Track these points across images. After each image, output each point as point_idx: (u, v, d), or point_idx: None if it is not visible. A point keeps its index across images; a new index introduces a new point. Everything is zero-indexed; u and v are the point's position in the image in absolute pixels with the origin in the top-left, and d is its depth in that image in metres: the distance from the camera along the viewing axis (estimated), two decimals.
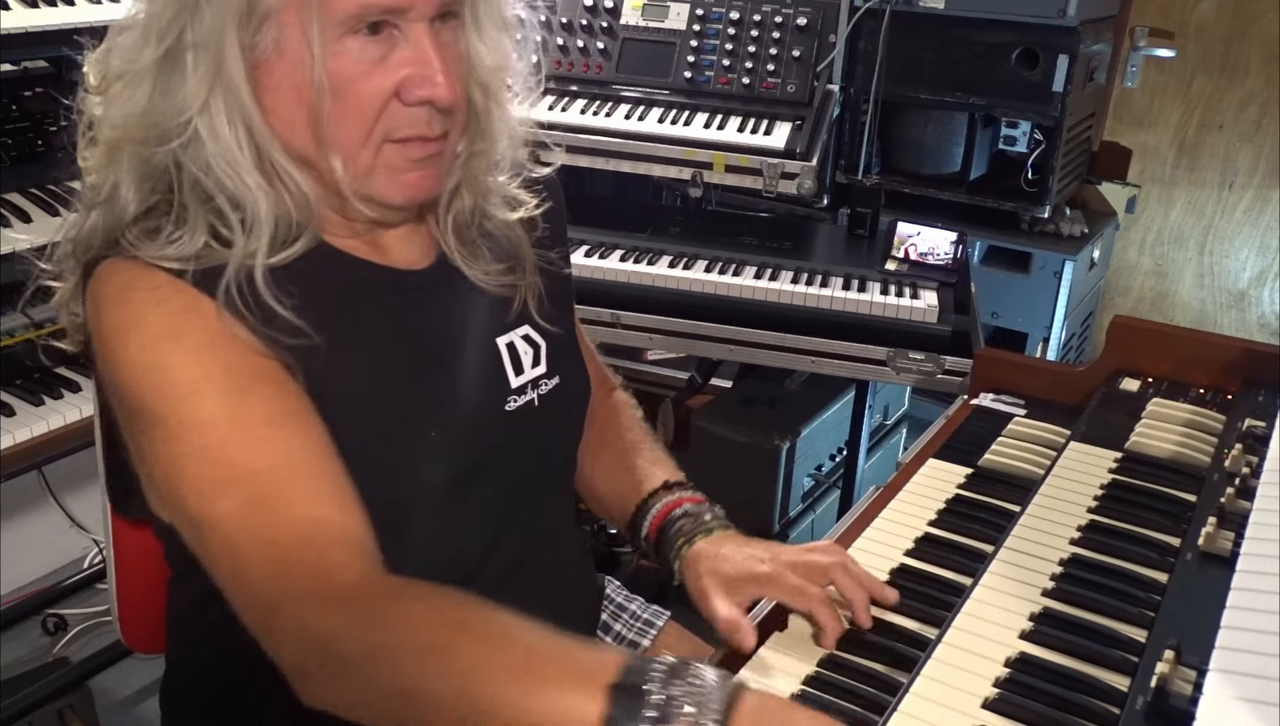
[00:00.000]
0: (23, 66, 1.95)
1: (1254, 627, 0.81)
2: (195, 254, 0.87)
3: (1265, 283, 3.13)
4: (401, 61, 0.87)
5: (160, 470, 0.86)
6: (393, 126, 0.89)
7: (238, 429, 0.83)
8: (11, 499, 2.32)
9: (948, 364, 1.91)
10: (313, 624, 0.78)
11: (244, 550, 0.81)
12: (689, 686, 0.71)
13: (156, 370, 0.84)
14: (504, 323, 1.04)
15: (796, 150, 2.18)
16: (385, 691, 0.76)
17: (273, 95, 0.87)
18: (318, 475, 0.85)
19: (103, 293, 0.88)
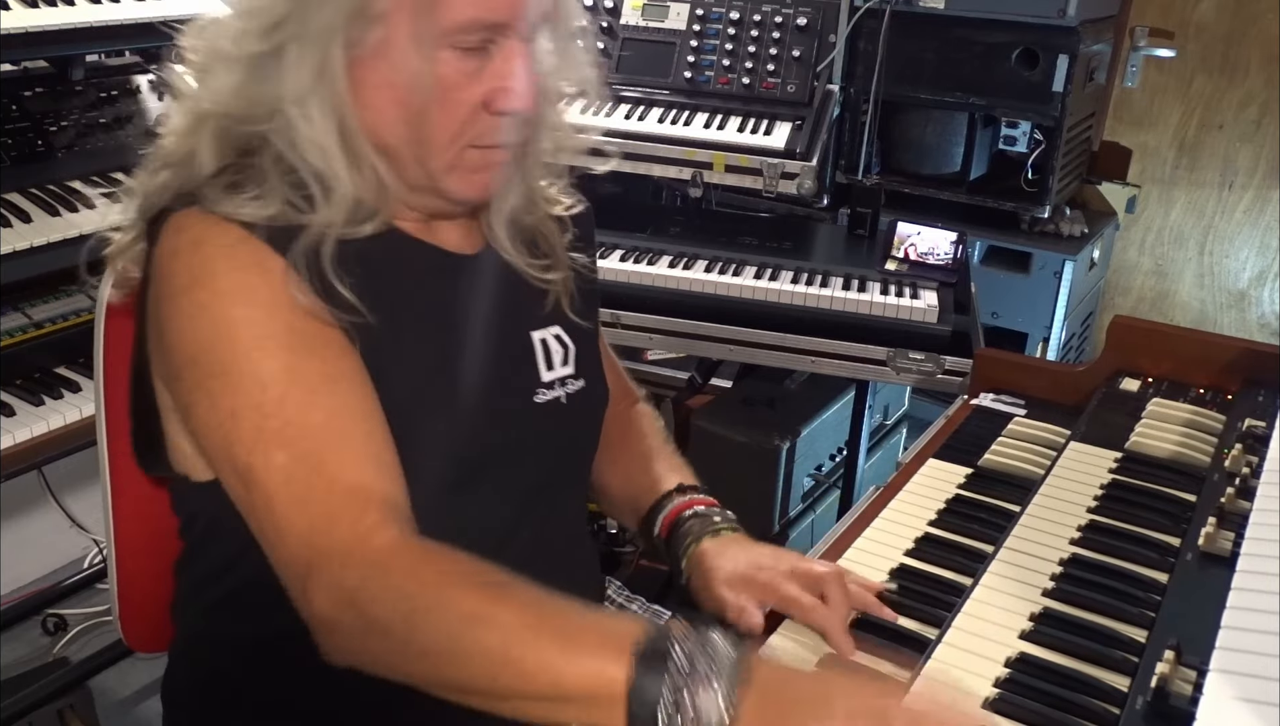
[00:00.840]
0: (23, 66, 1.95)
1: (1254, 627, 0.81)
2: (271, 216, 0.90)
3: (1265, 283, 3.13)
4: (493, 74, 0.92)
5: (214, 419, 0.88)
6: (478, 133, 0.94)
7: (295, 387, 0.87)
8: (11, 499, 2.32)
9: (948, 364, 1.91)
10: (349, 582, 0.81)
11: (288, 504, 0.85)
12: (704, 651, 0.74)
13: (223, 322, 0.88)
14: (539, 317, 1.08)
15: (796, 150, 2.18)
16: (416, 652, 0.79)
17: (369, 92, 0.91)
18: (365, 439, 0.88)
19: (176, 241, 0.91)
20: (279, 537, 0.85)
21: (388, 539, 0.83)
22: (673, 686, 0.73)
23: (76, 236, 1.76)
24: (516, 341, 1.06)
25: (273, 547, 0.86)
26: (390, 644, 0.80)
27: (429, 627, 0.78)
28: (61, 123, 1.92)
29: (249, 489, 0.87)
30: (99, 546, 2.50)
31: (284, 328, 0.88)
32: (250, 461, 0.86)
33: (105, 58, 2.10)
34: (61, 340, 1.79)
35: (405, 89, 0.90)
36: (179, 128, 0.97)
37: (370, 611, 0.80)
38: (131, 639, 1.22)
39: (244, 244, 0.89)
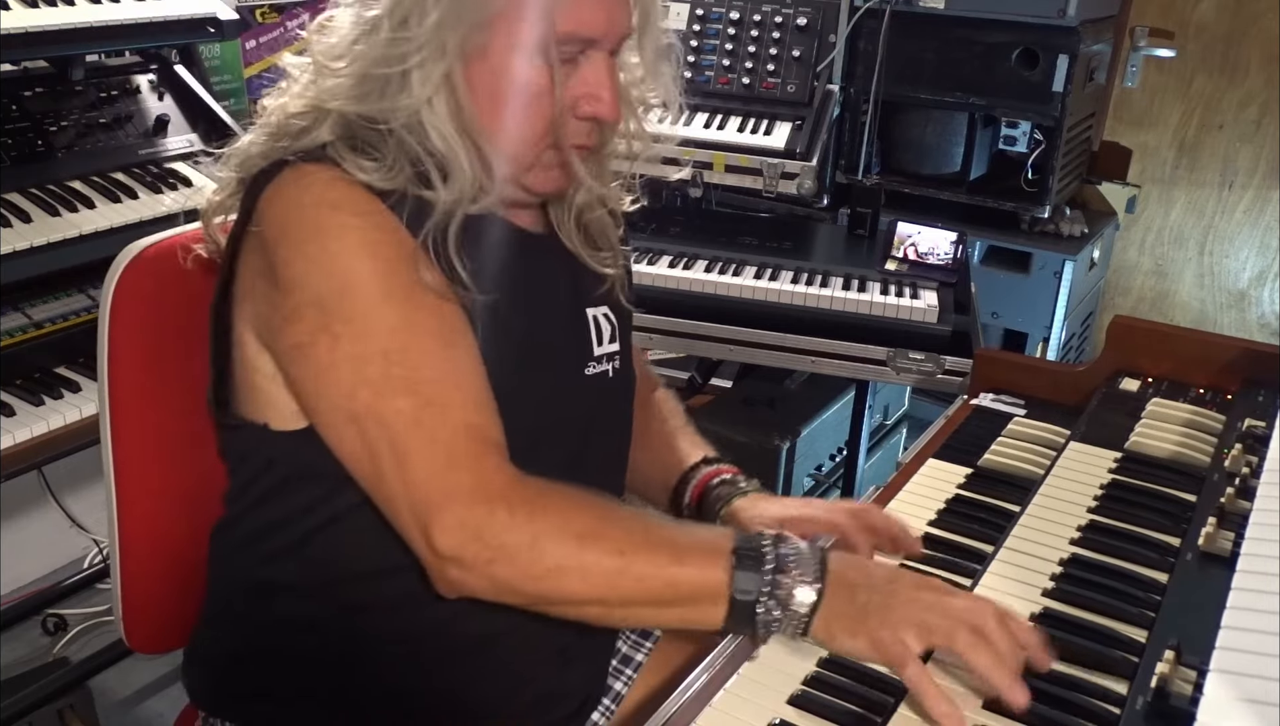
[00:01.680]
0: (23, 66, 1.94)
1: (1254, 627, 0.81)
2: (397, 188, 0.95)
3: (1265, 283, 3.13)
4: (583, 81, 0.99)
5: (335, 362, 0.92)
6: (562, 135, 1.00)
7: (417, 339, 0.92)
8: (11, 499, 2.32)
9: (948, 364, 1.91)
10: (475, 517, 0.88)
11: (413, 449, 0.89)
12: (790, 549, 0.89)
13: (353, 272, 0.92)
14: (594, 296, 1.13)
15: (796, 150, 2.18)
16: (541, 571, 0.88)
17: (472, 90, 0.97)
18: (477, 389, 0.94)
19: (302, 189, 0.95)
20: (402, 481, 0.90)
21: (506, 476, 0.90)
22: (768, 580, 0.87)
23: (76, 236, 1.76)
24: (576, 316, 1.11)
25: (391, 492, 0.91)
26: (516, 569, 0.88)
27: (552, 548, 0.88)
28: (61, 123, 1.92)
29: (368, 434, 0.91)
30: (99, 546, 2.50)
31: (408, 284, 0.93)
32: (375, 404, 0.90)
33: (105, 58, 2.10)
34: (61, 340, 1.79)
35: (505, 91, 0.97)
36: (294, 110, 1.00)
37: (496, 541, 0.87)
38: (133, 640, 1.22)
39: (373, 204, 0.94)
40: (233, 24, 2.08)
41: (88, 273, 1.82)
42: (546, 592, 0.90)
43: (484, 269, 0.98)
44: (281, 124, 1.00)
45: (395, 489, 0.91)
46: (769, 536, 0.91)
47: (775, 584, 0.87)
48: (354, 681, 1.05)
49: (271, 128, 1.01)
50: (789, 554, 0.89)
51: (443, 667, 1.04)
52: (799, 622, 0.88)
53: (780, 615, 0.88)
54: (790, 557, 0.89)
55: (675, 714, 0.86)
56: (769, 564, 0.88)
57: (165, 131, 2.06)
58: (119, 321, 1.13)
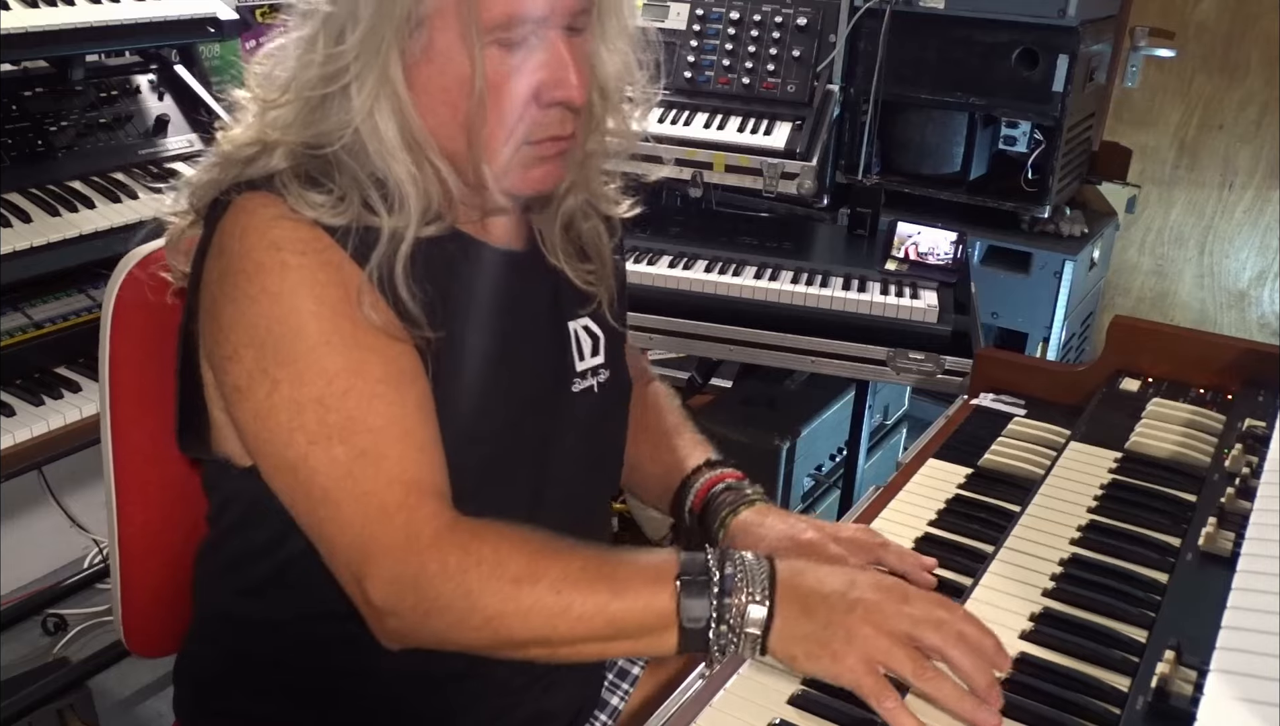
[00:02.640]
0: (23, 66, 1.94)
1: (1254, 627, 0.81)
2: (347, 221, 0.91)
3: (1265, 283, 3.13)
4: (538, 65, 0.92)
5: (273, 406, 0.89)
6: (532, 129, 0.94)
7: (359, 384, 0.89)
8: (11, 499, 2.32)
9: (948, 364, 1.90)
10: (407, 571, 0.86)
11: (344, 500, 0.88)
12: (738, 567, 0.85)
13: (292, 313, 0.89)
14: (574, 309, 1.10)
15: (796, 150, 2.18)
16: (478, 621, 0.86)
17: (423, 96, 0.92)
18: (420, 437, 0.91)
19: (245, 223, 0.91)
20: (335, 530, 0.89)
21: (439, 525, 0.88)
22: (715, 605, 0.84)
23: (76, 236, 1.76)
24: (555, 332, 1.08)
25: (326, 539, 0.90)
26: (451, 619, 0.86)
27: (487, 596, 0.85)
28: (61, 123, 1.92)
29: (303, 479, 0.89)
30: (99, 546, 2.50)
31: (350, 324, 0.90)
32: (309, 452, 0.88)
33: (105, 58, 2.10)
34: (61, 340, 1.79)
35: (455, 91, 0.91)
36: (244, 141, 0.97)
37: (431, 592, 0.85)
38: (133, 642, 1.22)
39: (317, 242, 0.90)
40: (233, 24, 2.08)
41: (88, 273, 1.82)
42: (487, 640, 0.87)
43: (448, 294, 0.95)
44: (230, 154, 0.97)
45: (330, 537, 0.89)
46: (714, 554, 0.87)
47: (724, 607, 0.84)
48: (331, 712, 1.04)
49: (220, 158, 0.98)
50: (735, 573, 0.85)
51: (422, 698, 1.02)
52: (754, 643, 0.85)
53: (733, 638, 0.85)
54: (737, 576, 0.85)
55: (675, 714, 0.86)
56: (715, 586, 0.85)
57: (165, 131, 2.06)
58: (121, 323, 1.13)
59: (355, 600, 0.89)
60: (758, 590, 0.84)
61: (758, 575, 0.85)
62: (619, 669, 1.22)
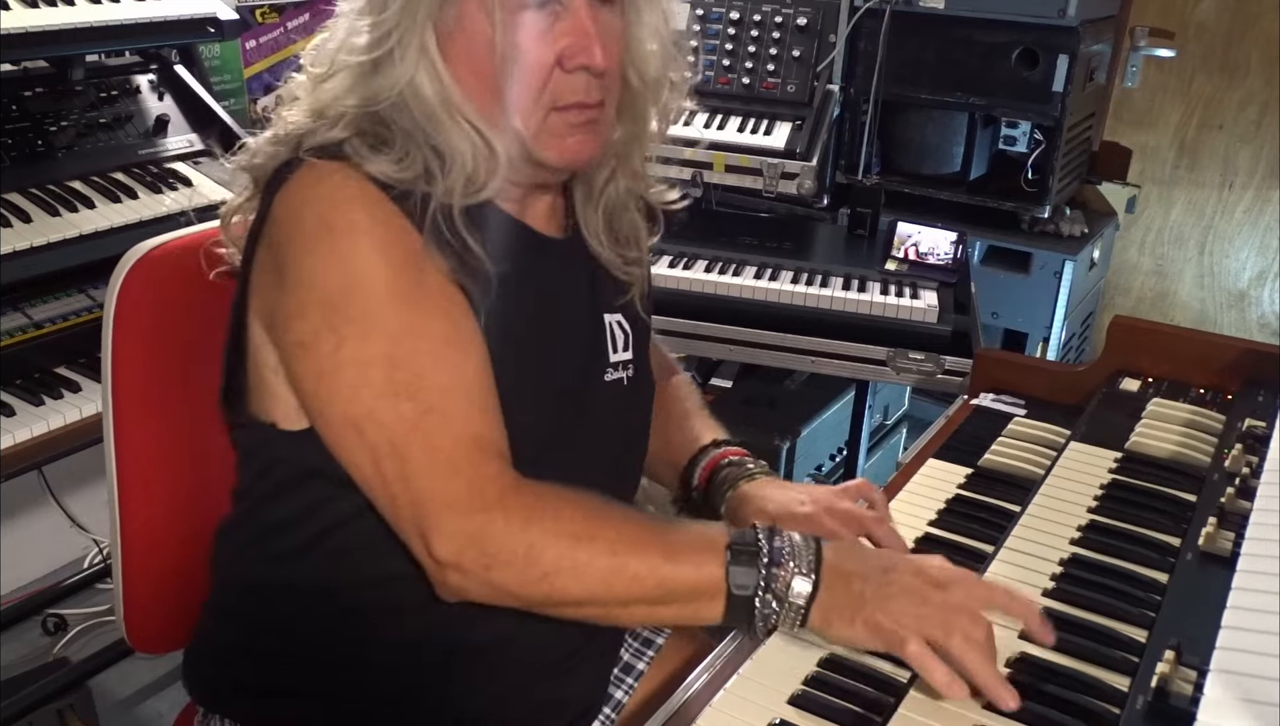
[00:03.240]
0: (23, 66, 1.94)
1: (1254, 627, 0.81)
2: (414, 178, 0.94)
3: (1265, 283, 3.13)
4: (563, 32, 0.95)
5: (339, 363, 0.91)
6: (557, 94, 0.96)
7: (423, 343, 0.92)
8: (11, 499, 2.32)
9: (948, 364, 1.91)
10: (473, 525, 0.88)
11: (414, 454, 0.90)
12: (784, 542, 0.90)
13: (361, 272, 0.91)
14: (609, 302, 1.11)
15: (796, 150, 2.18)
16: (538, 575, 0.88)
17: (454, 65, 0.95)
18: (483, 396, 0.94)
19: (315, 187, 0.94)
20: (401, 485, 0.90)
21: (504, 483, 0.91)
22: (764, 574, 0.88)
23: (76, 236, 1.76)
24: (592, 322, 1.09)
25: (390, 495, 0.91)
26: (512, 574, 0.89)
27: (547, 553, 0.88)
28: (61, 123, 1.92)
29: (369, 435, 0.90)
30: (99, 546, 2.50)
31: (415, 286, 0.92)
32: (377, 409, 0.90)
33: (105, 58, 2.10)
34: (61, 340, 1.78)
35: (482, 58, 0.94)
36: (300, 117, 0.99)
37: (493, 547, 0.88)
38: (135, 639, 1.22)
39: (384, 205, 0.92)
40: (233, 24, 2.07)
41: (88, 273, 1.82)
42: (544, 595, 0.90)
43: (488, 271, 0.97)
44: (289, 130, 0.99)
45: (395, 494, 0.91)
46: (764, 529, 0.91)
47: (771, 577, 0.88)
48: (355, 682, 1.05)
49: (277, 135, 1.00)
50: (783, 546, 0.90)
51: (444, 673, 1.03)
52: (796, 614, 0.89)
53: (777, 608, 0.89)
54: (785, 550, 0.89)
55: (675, 714, 0.86)
56: (764, 557, 0.89)
57: (165, 131, 2.05)
58: (123, 322, 1.13)
59: (418, 553, 0.91)
60: (804, 564, 0.89)
61: (804, 552, 0.90)
62: (624, 663, 1.22)
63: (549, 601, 0.91)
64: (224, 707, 1.09)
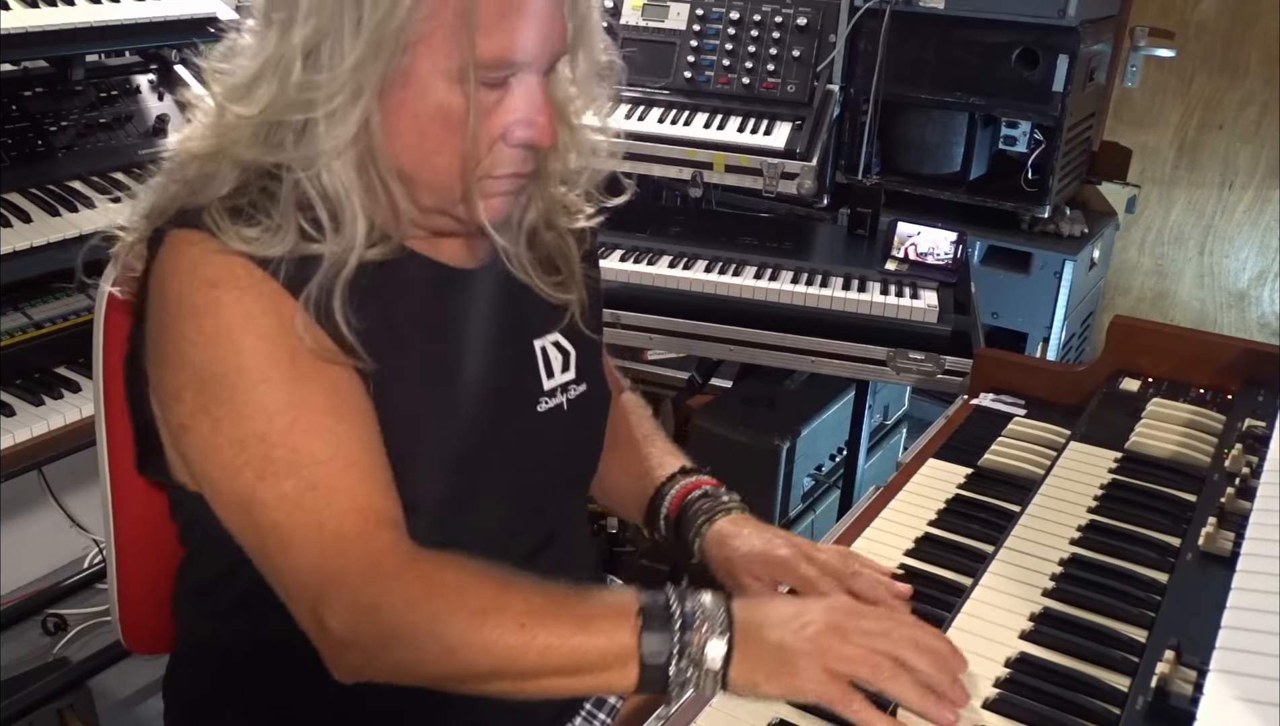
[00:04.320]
0: (23, 66, 1.94)
1: (1254, 627, 0.81)
2: (282, 252, 0.89)
3: (1265, 283, 3.13)
4: (513, 107, 0.92)
5: (216, 445, 0.88)
6: (494, 165, 0.93)
7: (302, 417, 0.88)
8: (11, 499, 2.32)
9: (948, 364, 1.91)
10: (368, 600, 0.85)
11: (297, 533, 0.86)
12: (697, 605, 0.85)
13: (229, 352, 0.88)
14: (540, 326, 1.08)
15: (796, 150, 2.18)
16: (439, 652, 0.84)
17: (387, 116, 0.90)
18: (369, 465, 0.90)
19: (177, 263, 0.90)
20: (289, 563, 0.87)
21: (399, 554, 0.87)
22: (677, 640, 0.84)
23: (76, 236, 1.76)
24: (519, 351, 1.06)
25: (279, 573, 0.88)
26: (413, 650, 0.85)
27: (451, 626, 0.84)
28: (61, 123, 1.92)
29: (253, 516, 0.88)
30: (99, 546, 2.50)
31: (289, 358, 0.88)
32: (256, 489, 0.87)
33: (105, 58, 2.10)
34: (61, 340, 1.79)
35: (426, 118, 0.90)
36: (197, 151, 0.95)
37: (391, 623, 0.84)
38: (131, 640, 1.22)
39: (247, 271, 0.88)
40: (233, 24, 2.07)
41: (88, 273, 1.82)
42: (449, 672, 0.86)
43: (394, 317, 0.94)
44: (184, 166, 0.95)
45: (284, 572, 0.88)
46: (675, 591, 0.87)
47: (685, 642, 0.84)
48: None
49: (175, 170, 0.96)
50: (695, 609, 0.85)
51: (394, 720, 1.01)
52: (714, 678, 0.84)
53: (693, 674, 0.84)
54: (697, 612, 0.85)
55: (675, 714, 0.86)
56: (676, 622, 0.84)
57: (165, 131, 2.05)
58: (114, 321, 1.13)
59: (311, 634, 0.87)
60: (717, 625, 0.85)
61: (716, 611, 0.85)
62: None
63: (454, 678, 0.87)
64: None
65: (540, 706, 1.11)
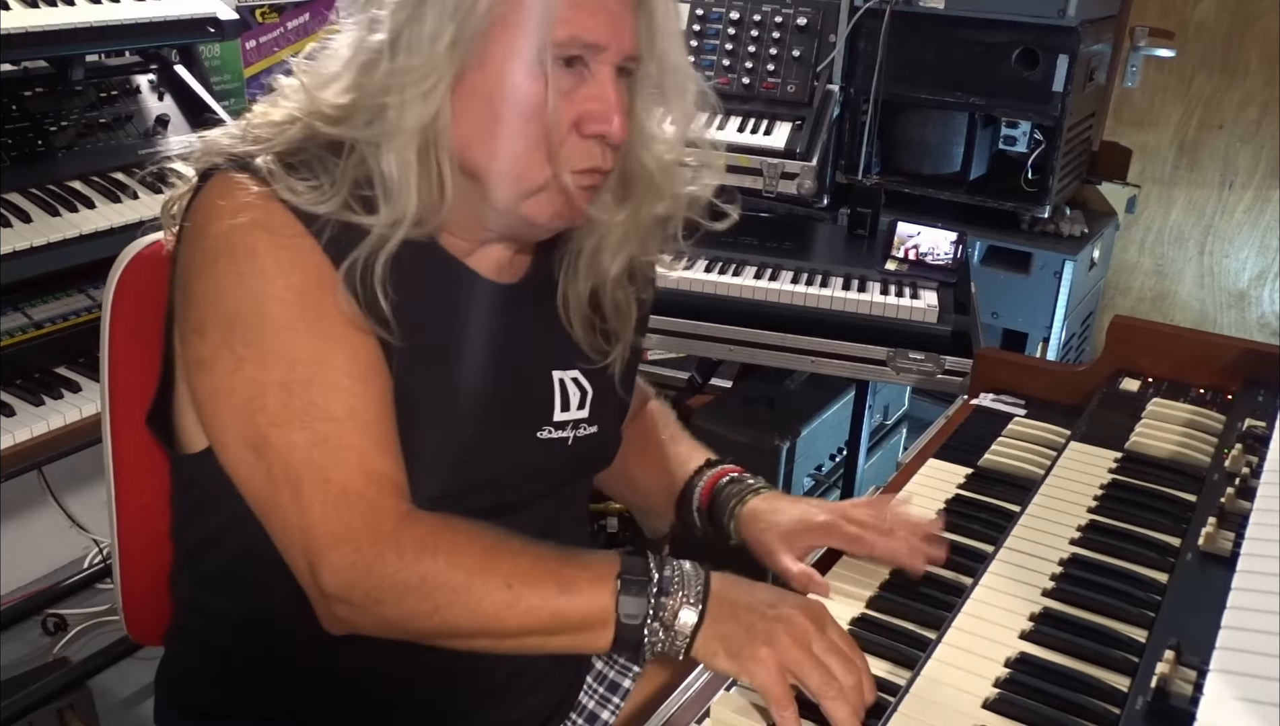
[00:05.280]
0: (23, 66, 1.94)
1: (1254, 627, 0.81)
2: (329, 213, 0.91)
3: (1265, 283, 3.13)
4: (587, 96, 0.93)
5: (235, 385, 0.89)
6: (573, 158, 0.94)
7: (322, 372, 0.89)
8: (11, 499, 2.32)
9: (948, 364, 1.91)
10: (364, 556, 0.86)
11: (307, 482, 0.88)
12: (674, 571, 0.88)
13: (260, 296, 0.89)
14: (563, 359, 1.08)
15: (796, 150, 2.18)
16: (430, 608, 0.86)
17: (463, 101, 0.92)
18: (380, 431, 0.92)
19: (221, 201, 0.91)
20: (291, 513, 0.88)
21: (398, 516, 0.89)
22: (652, 604, 0.86)
23: (76, 236, 1.76)
24: (535, 377, 1.06)
25: (280, 523, 0.90)
26: (403, 609, 0.87)
27: (440, 587, 0.86)
28: (61, 123, 1.92)
29: (263, 460, 0.89)
30: (99, 546, 2.50)
31: (316, 313, 0.90)
32: (269, 433, 0.88)
33: (105, 58, 2.10)
34: (61, 340, 1.79)
35: (503, 103, 0.91)
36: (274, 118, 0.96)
37: (384, 581, 0.86)
38: (135, 631, 1.23)
39: (289, 227, 0.90)
40: (233, 24, 2.08)
41: (88, 272, 1.82)
42: (434, 628, 0.88)
43: (413, 305, 0.94)
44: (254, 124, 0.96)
45: (286, 520, 0.89)
46: (655, 558, 0.89)
47: (660, 606, 0.87)
48: (290, 706, 1.04)
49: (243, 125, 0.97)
50: (672, 575, 0.88)
51: (386, 702, 1.02)
52: (682, 642, 0.87)
53: (664, 636, 0.87)
54: (674, 579, 0.88)
55: (675, 714, 0.86)
56: (653, 587, 0.87)
57: (165, 131, 2.06)
58: (120, 320, 1.13)
59: (304, 584, 0.89)
60: (692, 594, 0.87)
61: (693, 581, 0.88)
62: (610, 682, 1.22)
63: (439, 634, 0.89)
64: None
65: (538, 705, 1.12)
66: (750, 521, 1.14)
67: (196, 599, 1.09)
